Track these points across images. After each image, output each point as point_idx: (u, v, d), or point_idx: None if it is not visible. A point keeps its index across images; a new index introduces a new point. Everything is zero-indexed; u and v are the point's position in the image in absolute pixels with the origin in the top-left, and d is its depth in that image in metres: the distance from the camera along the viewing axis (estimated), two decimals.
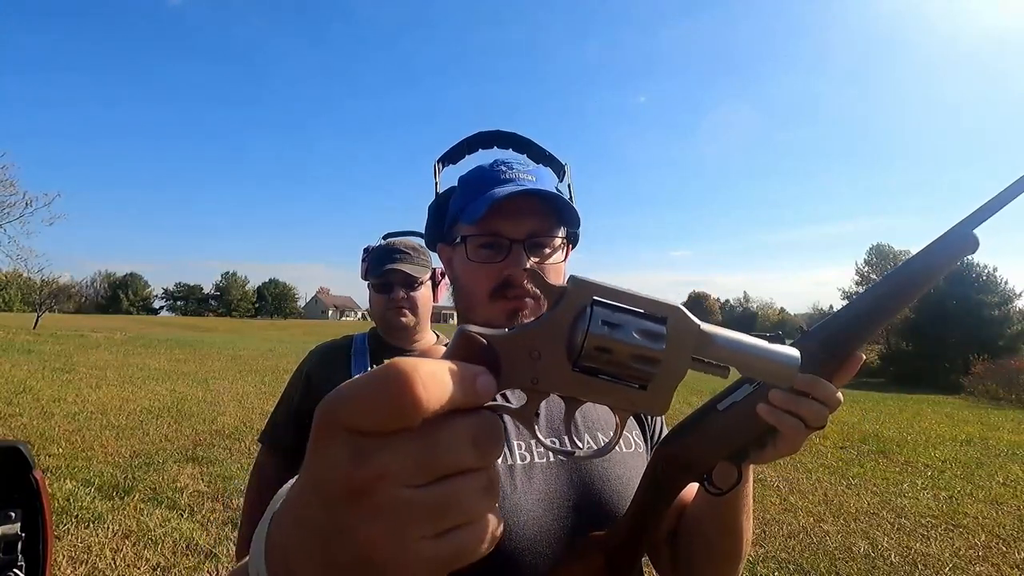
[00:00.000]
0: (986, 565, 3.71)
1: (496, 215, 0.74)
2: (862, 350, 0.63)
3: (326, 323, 66.34)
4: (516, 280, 0.75)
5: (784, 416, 0.59)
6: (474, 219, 0.75)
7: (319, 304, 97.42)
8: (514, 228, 0.76)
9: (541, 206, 0.77)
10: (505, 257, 0.76)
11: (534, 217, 0.77)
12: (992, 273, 30.83)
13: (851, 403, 12.67)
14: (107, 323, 36.28)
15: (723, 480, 0.65)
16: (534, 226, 0.77)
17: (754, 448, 0.63)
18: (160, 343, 17.73)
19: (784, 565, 3.55)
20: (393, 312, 1.55)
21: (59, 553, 3.25)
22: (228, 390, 9.26)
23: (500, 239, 0.76)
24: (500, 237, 0.76)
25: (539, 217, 0.77)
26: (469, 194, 0.79)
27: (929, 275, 0.57)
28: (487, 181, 0.78)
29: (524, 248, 0.76)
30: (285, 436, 1.51)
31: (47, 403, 7.29)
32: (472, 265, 0.77)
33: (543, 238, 0.78)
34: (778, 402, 0.59)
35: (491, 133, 0.89)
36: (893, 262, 40.41)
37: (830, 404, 0.59)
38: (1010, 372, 17.35)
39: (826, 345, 0.60)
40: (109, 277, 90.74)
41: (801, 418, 0.59)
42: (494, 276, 0.76)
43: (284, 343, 23.01)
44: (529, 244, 0.76)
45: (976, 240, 0.55)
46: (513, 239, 0.76)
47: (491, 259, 0.76)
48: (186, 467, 4.97)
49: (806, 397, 0.59)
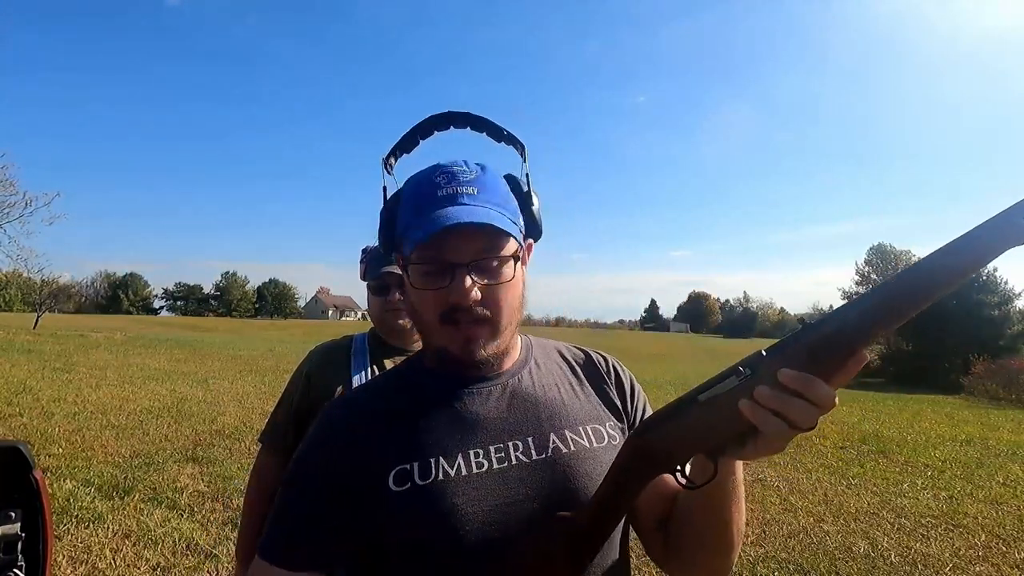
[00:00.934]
0: (986, 565, 3.71)
1: (438, 239, 0.71)
2: (868, 348, 0.55)
3: (326, 323, 66.39)
4: (462, 306, 0.73)
5: (768, 416, 0.54)
6: (412, 246, 0.72)
7: (319, 304, 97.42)
8: (456, 253, 0.72)
9: (478, 228, 0.71)
10: (450, 282, 0.72)
11: (477, 239, 0.72)
12: (992, 273, 30.80)
13: (851, 403, 12.67)
14: (107, 323, 36.29)
15: (698, 474, 0.63)
16: (477, 249, 0.73)
17: (732, 445, 0.59)
18: (160, 343, 17.73)
19: (784, 565, 3.55)
20: (391, 314, 1.55)
21: (59, 553, 3.25)
22: (228, 390, 9.26)
23: (443, 264, 0.73)
24: (442, 263, 0.73)
25: (484, 237, 0.73)
26: (410, 210, 0.76)
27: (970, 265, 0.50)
28: (425, 197, 0.74)
29: (468, 272, 0.72)
30: (285, 436, 1.50)
31: (47, 403, 7.29)
32: (417, 292, 0.75)
33: (489, 260, 0.74)
34: (764, 400, 0.54)
35: (443, 115, 0.84)
36: (894, 262, 40.44)
37: (823, 406, 0.53)
38: (1010, 372, 17.35)
39: (828, 341, 0.54)
40: (109, 277, 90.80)
41: (787, 419, 0.54)
42: (440, 302, 0.74)
43: (284, 343, 23.01)
44: (474, 267, 0.73)
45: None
46: (456, 263, 0.72)
47: (435, 284, 0.73)
48: (186, 467, 4.97)
49: (797, 396, 0.53)
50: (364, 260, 1.63)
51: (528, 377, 0.83)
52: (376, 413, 0.78)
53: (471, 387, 0.79)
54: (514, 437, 0.77)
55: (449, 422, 0.76)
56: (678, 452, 0.61)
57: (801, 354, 0.55)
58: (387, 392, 0.82)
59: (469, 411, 0.78)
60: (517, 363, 0.84)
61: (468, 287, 0.72)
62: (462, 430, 0.76)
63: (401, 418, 0.77)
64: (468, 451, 0.75)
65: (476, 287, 0.72)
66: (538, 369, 0.86)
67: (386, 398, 0.80)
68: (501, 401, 0.79)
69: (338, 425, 0.78)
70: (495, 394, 0.80)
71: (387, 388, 0.83)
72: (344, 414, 0.80)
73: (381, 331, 1.60)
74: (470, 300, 0.72)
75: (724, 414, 0.57)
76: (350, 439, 0.75)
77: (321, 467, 0.74)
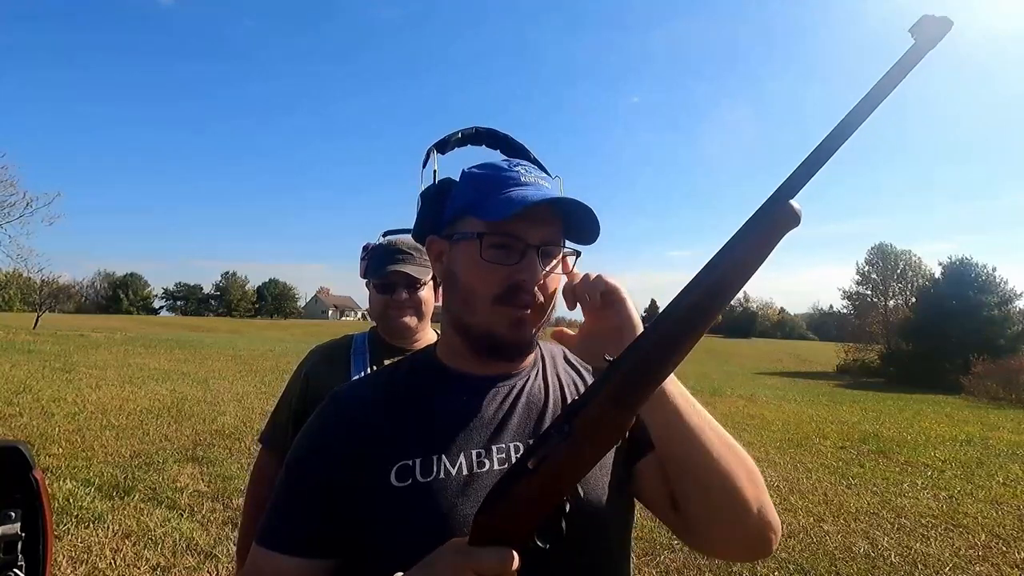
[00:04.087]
0: (986, 565, 3.71)
1: (519, 218, 0.71)
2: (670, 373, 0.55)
3: (326, 323, 66.39)
4: (526, 287, 0.73)
5: None
6: (494, 217, 0.72)
7: (319, 304, 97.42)
8: (533, 233, 0.73)
9: (555, 215, 0.75)
10: (518, 261, 0.73)
11: (551, 225, 0.75)
12: (992, 273, 30.87)
13: (851, 403, 12.69)
14: (107, 323, 36.30)
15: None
16: (549, 234, 0.75)
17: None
18: (160, 343, 17.74)
19: (784, 565, 3.55)
20: (395, 312, 1.54)
21: (59, 553, 3.25)
22: (228, 390, 9.27)
23: (516, 242, 0.73)
24: (517, 240, 0.73)
25: (555, 226, 0.76)
26: (485, 190, 0.76)
27: (750, 265, 0.52)
28: (507, 181, 0.76)
29: (538, 255, 0.74)
30: (285, 437, 1.50)
31: (47, 403, 7.29)
32: (482, 265, 0.74)
33: (554, 247, 0.76)
34: None
35: (486, 131, 0.86)
36: (894, 261, 40.41)
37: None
38: (1010, 372, 17.38)
39: (627, 385, 0.54)
40: (109, 277, 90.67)
41: None
42: (502, 280, 0.74)
43: (284, 343, 23.02)
44: (542, 251, 0.75)
45: (796, 212, 0.50)
46: (528, 244, 0.73)
47: (502, 260, 0.73)
48: (186, 467, 4.97)
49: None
50: (366, 258, 1.61)
51: (536, 379, 0.83)
52: (380, 404, 0.78)
53: (479, 386, 0.79)
54: (517, 439, 0.77)
55: (454, 420, 0.76)
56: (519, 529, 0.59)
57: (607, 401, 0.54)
58: (393, 384, 0.81)
59: (475, 410, 0.77)
60: (528, 365, 0.84)
61: (538, 268, 0.73)
62: (466, 429, 0.76)
63: (405, 412, 0.77)
64: (471, 450, 0.74)
65: (541, 272, 0.74)
66: (546, 372, 0.85)
67: (391, 390, 0.80)
68: (508, 402, 0.79)
69: (341, 414, 0.78)
70: (502, 394, 0.80)
71: (393, 380, 0.82)
72: (348, 403, 0.79)
73: (382, 330, 1.59)
74: (537, 281, 0.73)
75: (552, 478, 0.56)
76: (352, 429, 0.75)
77: (322, 455, 0.74)
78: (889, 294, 40.27)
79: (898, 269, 40.48)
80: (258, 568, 0.72)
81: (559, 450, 0.55)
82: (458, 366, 0.81)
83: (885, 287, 40.64)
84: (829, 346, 45.52)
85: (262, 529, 0.74)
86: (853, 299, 42.42)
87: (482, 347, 0.77)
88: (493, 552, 0.57)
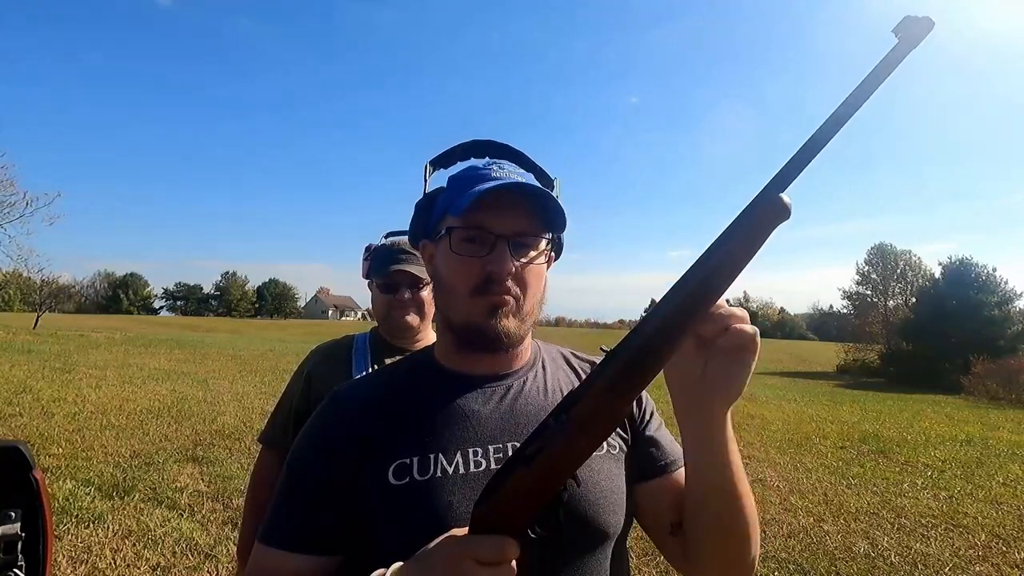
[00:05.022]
0: (986, 565, 3.71)
1: (482, 208, 0.73)
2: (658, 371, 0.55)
3: (326, 323, 66.34)
4: (499, 277, 0.74)
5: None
6: (460, 210, 0.73)
7: (319, 304, 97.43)
8: (499, 223, 0.74)
9: (528, 205, 0.76)
10: (489, 252, 0.74)
11: (521, 215, 0.75)
12: (992, 273, 30.80)
13: (851, 403, 12.68)
14: (107, 323, 36.31)
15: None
16: (520, 224, 0.75)
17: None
18: (160, 343, 17.73)
19: (784, 565, 3.55)
20: (399, 312, 1.55)
21: (59, 553, 3.25)
22: (228, 390, 9.26)
23: (485, 233, 0.74)
24: (485, 231, 0.74)
25: (526, 216, 0.76)
26: (458, 189, 0.78)
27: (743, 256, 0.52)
28: (478, 178, 0.77)
29: (508, 246, 0.74)
30: (285, 436, 1.50)
31: (47, 403, 7.29)
32: (455, 258, 0.76)
33: (528, 238, 0.76)
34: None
35: (485, 142, 0.88)
36: (894, 262, 40.36)
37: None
38: (1010, 372, 17.35)
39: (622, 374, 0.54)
40: (109, 277, 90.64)
41: None
42: (476, 272, 0.75)
43: (284, 343, 23.01)
44: (513, 243, 0.75)
45: (786, 205, 0.51)
46: (498, 234, 0.74)
47: (474, 253, 0.75)
48: (186, 467, 4.97)
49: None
50: (368, 258, 1.62)
51: (534, 380, 0.84)
52: (379, 403, 0.79)
53: (477, 386, 0.80)
54: (514, 439, 0.77)
55: (451, 419, 0.77)
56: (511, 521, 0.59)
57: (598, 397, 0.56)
58: (392, 383, 0.82)
59: (472, 409, 0.78)
60: (525, 365, 0.85)
61: (508, 258, 0.74)
62: (463, 428, 0.76)
63: (404, 411, 0.78)
64: (467, 449, 0.75)
65: (513, 262, 0.74)
66: (545, 373, 0.86)
67: (391, 389, 0.81)
68: (505, 402, 0.80)
69: (341, 413, 0.79)
70: (499, 394, 0.80)
71: (392, 379, 0.83)
72: (347, 402, 0.80)
73: (385, 329, 1.59)
74: (507, 271, 0.74)
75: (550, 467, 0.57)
76: (352, 428, 0.76)
77: (323, 454, 0.75)
78: (889, 294, 40.20)
79: (898, 269, 40.42)
80: (261, 566, 0.73)
81: (556, 440, 0.56)
82: (454, 366, 0.82)
83: (885, 287, 40.58)
84: (829, 346, 45.51)
85: (265, 527, 0.74)
86: (853, 299, 42.35)
87: (465, 340, 0.78)
88: (492, 540, 0.57)
